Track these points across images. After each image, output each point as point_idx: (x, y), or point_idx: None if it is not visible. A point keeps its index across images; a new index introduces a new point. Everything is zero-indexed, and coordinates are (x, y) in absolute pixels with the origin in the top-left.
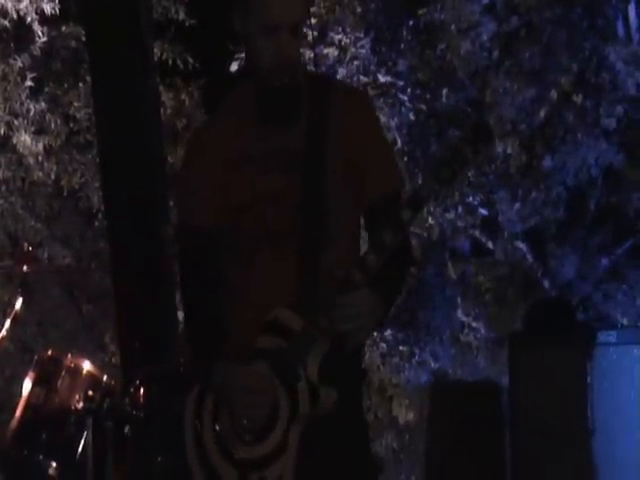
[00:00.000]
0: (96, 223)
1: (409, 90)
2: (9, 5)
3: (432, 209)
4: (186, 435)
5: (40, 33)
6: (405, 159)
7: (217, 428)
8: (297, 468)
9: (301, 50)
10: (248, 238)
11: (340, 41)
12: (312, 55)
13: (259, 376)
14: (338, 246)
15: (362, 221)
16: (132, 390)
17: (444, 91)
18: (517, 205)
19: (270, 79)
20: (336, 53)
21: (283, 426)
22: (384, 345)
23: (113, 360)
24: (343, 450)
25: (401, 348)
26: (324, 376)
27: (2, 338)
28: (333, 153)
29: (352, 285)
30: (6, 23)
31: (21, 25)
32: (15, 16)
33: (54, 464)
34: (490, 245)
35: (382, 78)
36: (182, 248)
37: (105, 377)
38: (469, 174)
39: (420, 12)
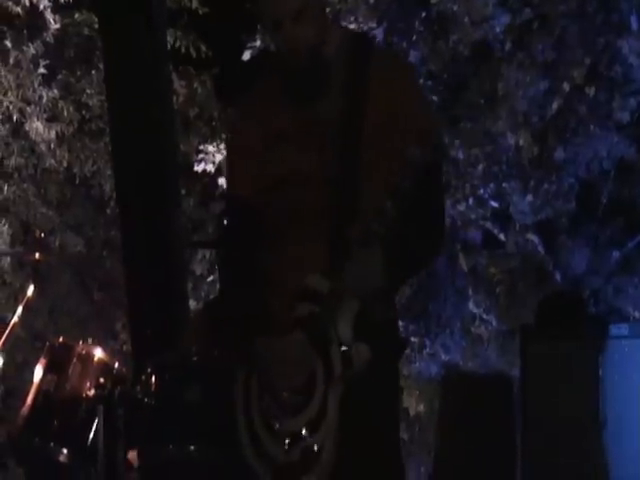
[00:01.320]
0: (108, 211)
1: (421, 80)
2: None
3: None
4: (238, 417)
5: (53, 20)
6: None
7: (262, 404)
8: (338, 432)
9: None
10: (281, 216)
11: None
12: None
13: (296, 346)
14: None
15: None
16: (143, 378)
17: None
18: (529, 197)
19: (288, 65)
20: None
21: (321, 393)
22: None
23: (124, 348)
24: (377, 415)
25: (412, 339)
26: (358, 334)
27: (14, 325)
28: (368, 122)
29: (371, 236)
30: (19, 10)
31: (34, 13)
32: (28, 3)
33: (65, 451)
34: (502, 237)
35: None
36: (227, 221)
37: (116, 365)
38: (480, 167)
39: (433, 2)
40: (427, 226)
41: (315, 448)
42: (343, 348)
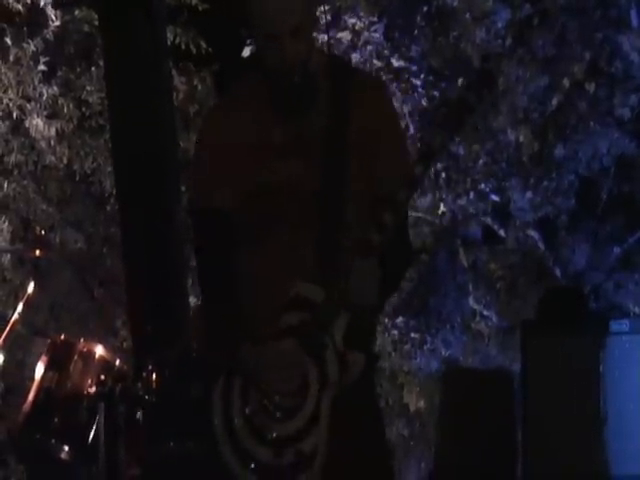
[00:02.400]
0: (108, 207)
1: (422, 76)
2: None
3: (444, 196)
4: (215, 421)
5: (53, 17)
6: (418, 145)
7: (247, 411)
8: (330, 437)
9: (315, 34)
10: (265, 222)
11: (354, 25)
12: (326, 39)
13: (285, 354)
14: (356, 226)
15: None
16: (144, 375)
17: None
18: (529, 193)
19: (279, 80)
20: (350, 37)
21: (314, 397)
22: (395, 332)
23: (125, 345)
24: (363, 425)
25: (412, 335)
26: (350, 342)
27: (14, 322)
28: (349, 139)
29: (371, 248)
30: (19, 7)
31: (34, 9)
32: (29, 0)
33: (66, 448)
34: (502, 233)
35: (395, 63)
36: (200, 232)
37: (117, 362)
38: (480, 162)
39: None
40: (407, 237)
41: (309, 451)
42: (338, 355)
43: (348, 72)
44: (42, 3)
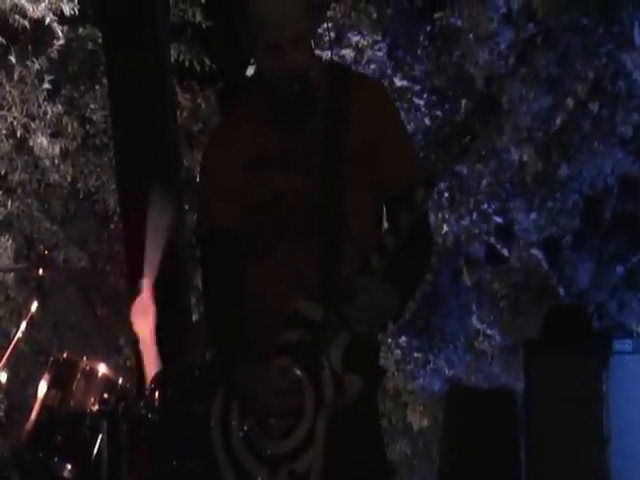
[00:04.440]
0: (112, 226)
1: (425, 95)
2: (28, 6)
3: (447, 216)
4: (214, 438)
5: (58, 35)
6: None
7: (244, 428)
8: (325, 458)
9: (318, 52)
10: (267, 238)
11: (357, 43)
12: (329, 57)
13: (283, 376)
14: (356, 239)
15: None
16: (147, 393)
17: (462, 101)
18: (532, 214)
19: (279, 90)
20: (353, 55)
21: (310, 418)
22: (399, 352)
23: (128, 363)
24: (360, 443)
25: (416, 355)
26: (347, 364)
27: (18, 340)
28: (351, 147)
29: (370, 270)
30: (26, 23)
31: (39, 27)
32: (35, 16)
33: (69, 466)
34: (505, 252)
35: (398, 82)
36: (205, 251)
37: (120, 380)
38: (484, 182)
39: (436, 16)
40: (421, 247)
41: (302, 471)
42: (335, 376)
43: (347, 77)
44: (48, 19)
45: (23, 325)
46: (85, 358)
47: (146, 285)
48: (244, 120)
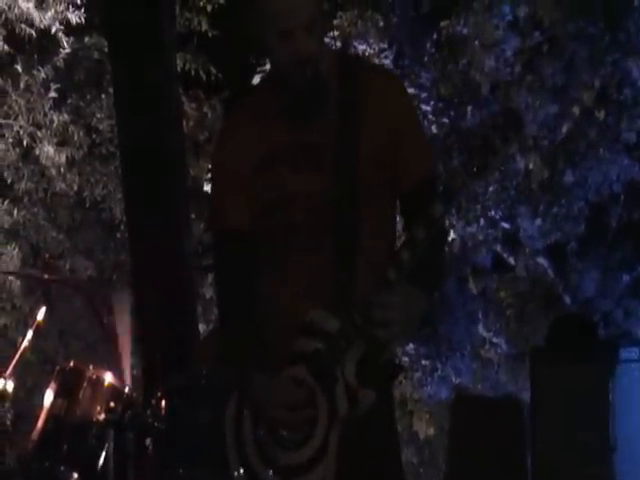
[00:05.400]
0: (118, 235)
1: (432, 102)
2: (35, 15)
3: (454, 222)
4: (227, 440)
5: (64, 44)
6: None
7: (257, 437)
8: (338, 471)
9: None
10: (280, 239)
11: (364, 52)
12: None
13: (297, 388)
14: (372, 240)
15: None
16: (153, 402)
17: (469, 109)
18: (538, 221)
19: (292, 77)
20: None
21: (323, 431)
22: (406, 359)
23: (134, 372)
24: (377, 455)
25: (423, 362)
26: (362, 377)
27: (24, 349)
28: (366, 142)
29: (387, 283)
30: (32, 32)
31: (45, 36)
32: (41, 25)
33: (75, 475)
34: (511, 260)
35: None
36: (219, 253)
37: (126, 389)
38: (490, 189)
39: (442, 24)
40: (438, 254)
41: None
42: (348, 389)
43: (361, 69)
44: (54, 29)
45: (29, 334)
46: (91, 367)
47: None
48: (254, 116)
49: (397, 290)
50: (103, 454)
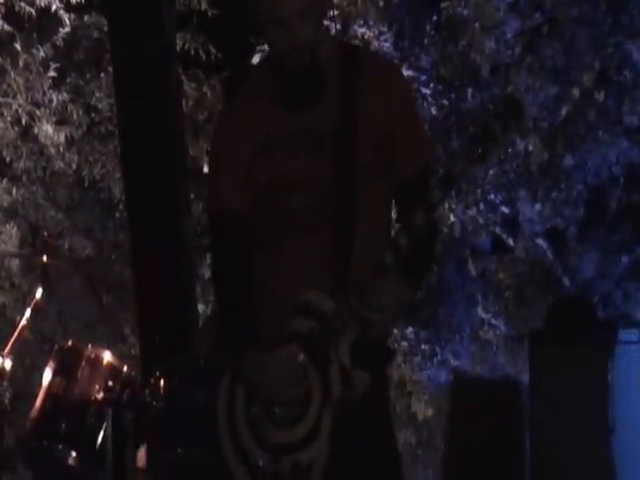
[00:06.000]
0: (117, 214)
1: (432, 85)
2: None
3: (454, 206)
4: (219, 419)
5: (63, 22)
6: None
7: (250, 415)
8: (330, 451)
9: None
10: (277, 223)
11: (363, 34)
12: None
13: (292, 365)
14: (369, 225)
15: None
16: (152, 381)
17: (469, 90)
18: (537, 205)
19: (288, 64)
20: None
21: (316, 411)
22: (405, 344)
23: (133, 351)
24: (370, 437)
25: (423, 347)
26: (355, 359)
27: (22, 328)
28: (364, 128)
29: (384, 268)
30: (32, 10)
31: (45, 14)
32: (41, 3)
33: (74, 454)
34: (511, 242)
35: (405, 72)
36: (215, 234)
37: (125, 368)
38: (490, 172)
39: (443, 5)
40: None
41: (306, 462)
42: (342, 371)
43: (359, 56)
44: (53, 7)
45: (28, 312)
46: (90, 346)
47: None
48: (253, 99)
49: (392, 277)
50: (101, 433)
